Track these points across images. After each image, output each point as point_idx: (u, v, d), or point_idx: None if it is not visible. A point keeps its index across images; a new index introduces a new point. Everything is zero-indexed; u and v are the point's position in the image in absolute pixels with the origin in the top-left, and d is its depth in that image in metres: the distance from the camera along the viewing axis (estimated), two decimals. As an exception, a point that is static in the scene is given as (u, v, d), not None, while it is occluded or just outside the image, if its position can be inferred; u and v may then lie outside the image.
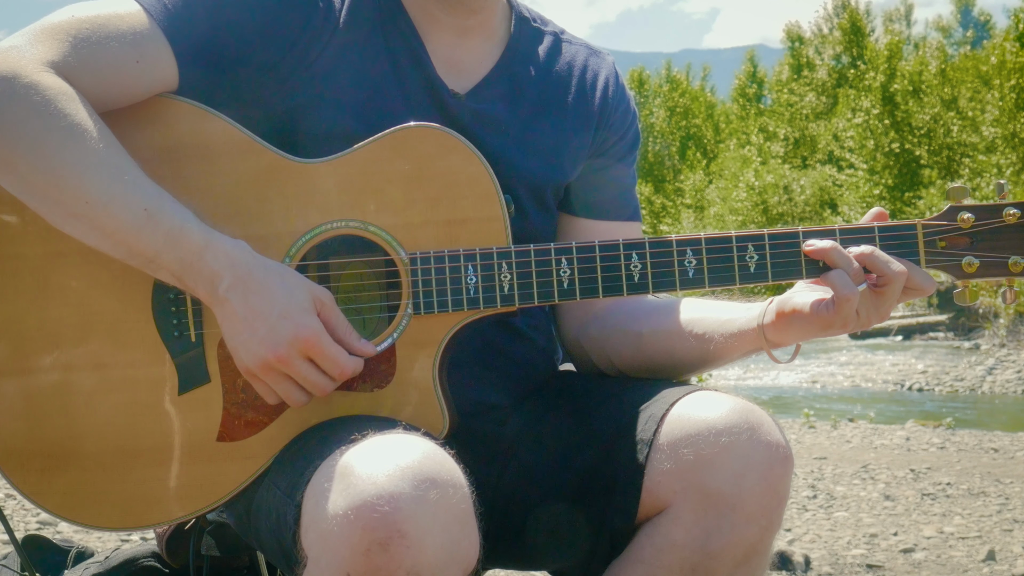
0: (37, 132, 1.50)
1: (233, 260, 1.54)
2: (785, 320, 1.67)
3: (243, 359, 1.56)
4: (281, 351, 1.53)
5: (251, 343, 1.54)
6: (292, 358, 1.54)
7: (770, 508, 1.58)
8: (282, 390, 1.57)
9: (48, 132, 1.50)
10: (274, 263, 1.58)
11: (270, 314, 1.53)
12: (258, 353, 1.54)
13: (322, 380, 1.57)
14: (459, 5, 1.79)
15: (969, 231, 1.69)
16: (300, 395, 1.58)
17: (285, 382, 1.57)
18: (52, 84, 1.52)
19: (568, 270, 1.67)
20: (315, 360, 1.56)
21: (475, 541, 1.42)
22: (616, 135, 1.93)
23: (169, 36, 1.61)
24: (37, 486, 1.63)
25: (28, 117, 1.49)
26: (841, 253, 1.64)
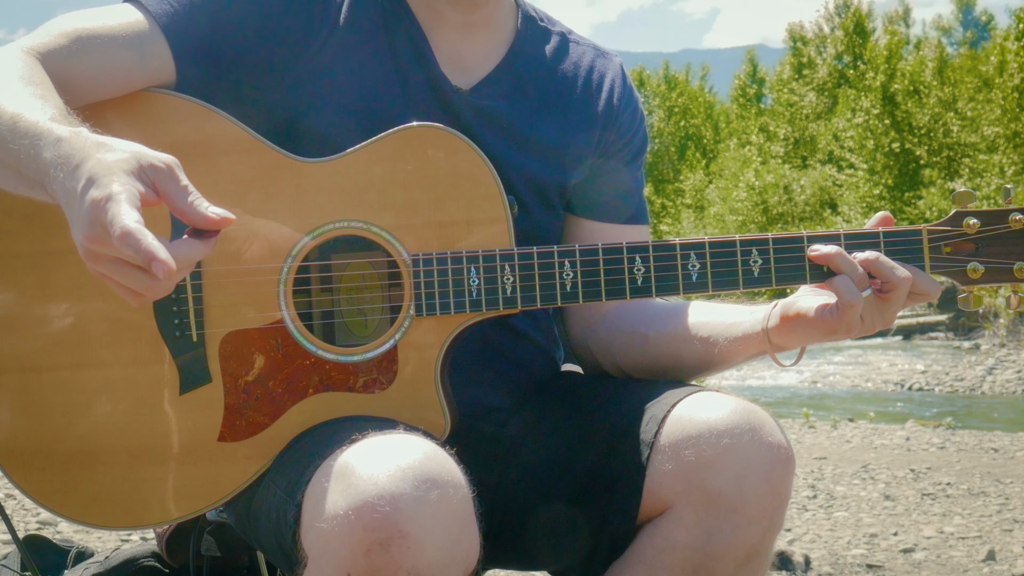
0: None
1: (59, 139, 1.35)
2: (789, 324, 1.67)
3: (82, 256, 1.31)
4: (87, 231, 1.27)
5: (73, 232, 1.30)
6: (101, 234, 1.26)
7: (771, 509, 1.58)
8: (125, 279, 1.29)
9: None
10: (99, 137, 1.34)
11: (76, 190, 1.29)
12: (79, 240, 1.29)
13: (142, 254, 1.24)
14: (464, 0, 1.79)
15: (974, 236, 1.69)
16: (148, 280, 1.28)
17: (121, 268, 1.28)
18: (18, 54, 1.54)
19: (571, 273, 1.67)
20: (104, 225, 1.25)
21: (475, 541, 1.42)
22: (623, 138, 1.93)
23: (167, 33, 1.62)
24: (38, 485, 1.63)
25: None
26: (846, 259, 1.64)
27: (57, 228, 1.61)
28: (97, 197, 1.26)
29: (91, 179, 1.28)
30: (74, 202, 1.29)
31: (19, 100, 1.44)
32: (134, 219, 1.24)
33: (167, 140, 1.63)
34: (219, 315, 1.63)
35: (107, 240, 1.25)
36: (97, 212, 1.25)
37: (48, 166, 1.34)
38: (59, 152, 1.33)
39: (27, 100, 1.44)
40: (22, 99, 1.44)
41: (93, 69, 1.59)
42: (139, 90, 1.64)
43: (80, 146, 1.33)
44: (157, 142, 1.61)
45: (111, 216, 1.24)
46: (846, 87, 42.40)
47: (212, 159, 1.63)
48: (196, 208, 1.31)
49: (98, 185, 1.27)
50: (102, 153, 1.31)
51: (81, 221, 1.27)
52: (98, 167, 1.29)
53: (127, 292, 1.32)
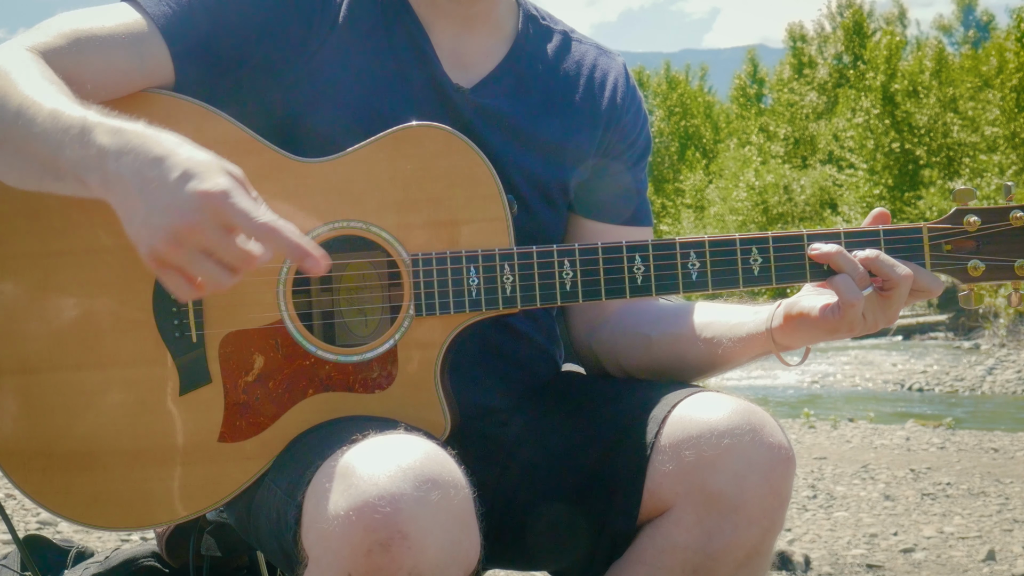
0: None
1: (120, 128, 1.38)
2: (793, 323, 1.67)
3: (147, 241, 1.33)
4: (190, 216, 1.30)
5: (152, 218, 1.32)
6: (205, 225, 1.30)
7: (772, 509, 1.58)
8: (200, 270, 1.33)
9: None
10: (168, 133, 1.38)
11: (169, 178, 1.32)
12: (163, 226, 1.31)
13: (241, 251, 1.33)
14: None
15: (975, 234, 1.69)
16: (222, 274, 1.34)
17: (201, 260, 1.33)
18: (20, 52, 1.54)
19: (571, 272, 1.67)
20: (230, 220, 1.31)
21: (476, 542, 1.42)
22: (626, 139, 1.93)
23: (165, 34, 1.62)
24: (38, 485, 1.63)
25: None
26: (846, 257, 1.64)
27: (59, 230, 1.61)
28: (210, 189, 1.29)
29: (189, 171, 1.31)
30: (162, 189, 1.31)
31: (55, 96, 1.46)
32: (272, 214, 1.30)
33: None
34: (219, 315, 1.63)
35: (209, 229, 1.30)
36: (211, 202, 1.29)
37: (105, 153, 1.36)
38: (124, 140, 1.36)
39: (63, 98, 1.46)
40: (57, 96, 1.46)
41: (92, 70, 1.59)
42: (138, 91, 1.64)
43: (155, 137, 1.36)
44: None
45: (242, 208, 1.29)
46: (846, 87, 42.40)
47: (212, 159, 1.63)
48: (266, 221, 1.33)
49: (201, 178, 1.31)
50: (188, 150, 1.35)
51: (179, 208, 1.30)
52: (193, 162, 1.33)
53: (186, 285, 1.35)
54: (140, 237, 1.35)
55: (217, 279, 1.34)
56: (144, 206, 1.34)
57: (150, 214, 1.33)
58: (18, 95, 1.47)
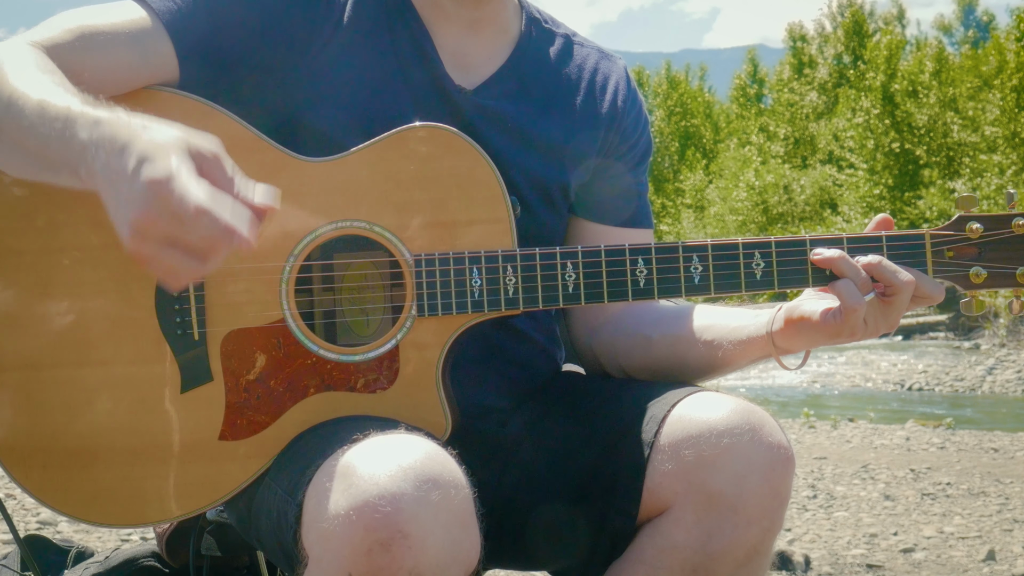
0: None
1: (98, 120, 1.35)
2: (794, 327, 1.67)
3: (121, 234, 1.29)
4: (140, 209, 1.25)
5: (119, 211, 1.28)
6: (157, 216, 1.24)
7: (771, 509, 1.58)
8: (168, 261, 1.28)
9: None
10: (141, 118, 1.34)
11: (126, 169, 1.28)
12: (126, 219, 1.27)
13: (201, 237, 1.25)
14: None
15: (977, 241, 1.69)
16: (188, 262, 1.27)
17: (165, 250, 1.27)
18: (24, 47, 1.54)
19: (573, 274, 1.67)
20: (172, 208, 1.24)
21: (476, 541, 1.42)
22: (627, 141, 1.93)
23: (171, 32, 1.62)
24: (39, 483, 1.63)
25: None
26: (848, 263, 1.64)
27: (59, 226, 1.61)
28: (156, 176, 1.24)
29: (143, 157, 1.27)
30: (123, 181, 1.28)
31: (43, 87, 1.44)
32: (205, 194, 1.23)
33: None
34: (221, 314, 1.63)
35: (162, 218, 1.24)
36: (158, 189, 1.24)
37: (85, 147, 1.33)
38: (99, 133, 1.33)
39: (51, 87, 1.45)
40: (46, 86, 1.45)
41: (97, 66, 1.59)
42: (142, 88, 1.64)
43: (124, 126, 1.32)
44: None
45: (180, 192, 1.23)
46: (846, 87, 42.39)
47: (214, 158, 1.63)
48: (243, 197, 1.29)
49: (153, 163, 1.26)
50: (150, 133, 1.30)
51: (134, 199, 1.26)
52: (150, 147, 1.28)
53: (169, 275, 1.31)
54: (118, 232, 1.31)
55: (187, 268, 1.28)
56: (113, 199, 1.30)
57: (117, 207, 1.29)
58: (8, 86, 1.46)
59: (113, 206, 1.30)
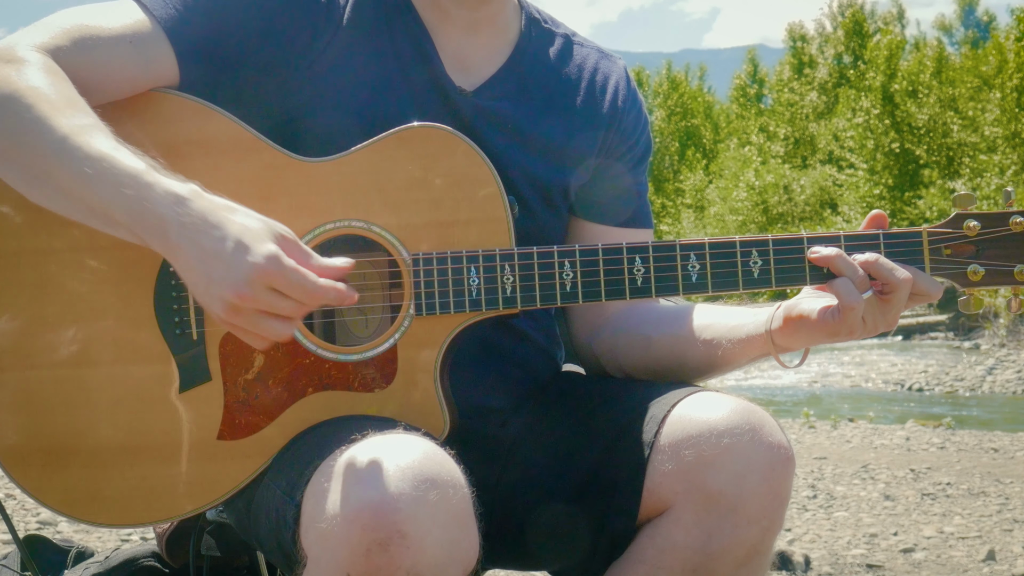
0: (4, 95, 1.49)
1: (176, 200, 1.44)
2: (792, 325, 1.67)
3: (210, 307, 1.45)
4: (243, 289, 1.41)
5: (212, 288, 1.42)
6: (257, 294, 1.41)
7: (771, 509, 1.58)
8: (261, 328, 1.44)
9: (14, 97, 1.49)
10: (222, 200, 1.46)
11: (223, 251, 1.41)
12: (221, 297, 1.42)
13: (295, 306, 1.44)
14: None
15: (975, 239, 1.69)
16: (281, 326, 1.45)
17: (260, 320, 1.44)
18: (31, 57, 1.53)
19: (571, 273, 1.67)
20: (280, 289, 1.42)
21: (475, 541, 1.42)
22: (627, 142, 1.93)
23: (170, 34, 1.62)
24: (38, 482, 1.63)
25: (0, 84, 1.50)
26: (846, 261, 1.64)
27: (59, 226, 1.61)
28: (257, 262, 1.40)
29: (240, 242, 1.41)
30: (218, 262, 1.41)
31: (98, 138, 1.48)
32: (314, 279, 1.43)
33: (169, 139, 1.63)
34: (219, 314, 1.62)
35: (262, 295, 1.41)
36: (260, 273, 1.40)
37: (166, 222, 1.43)
38: (185, 211, 1.43)
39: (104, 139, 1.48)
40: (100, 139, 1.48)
41: (98, 71, 1.58)
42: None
43: (211, 209, 1.44)
44: (159, 141, 1.62)
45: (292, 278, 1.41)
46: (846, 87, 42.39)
47: (213, 158, 1.63)
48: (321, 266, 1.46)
49: (252, 249, 1.41)
50: (240, 217, 1.44)
51: (235, 280, 1.40)
52: (245, 231, 1.42)
53: (257, 339, 1.46)
54: (205, 303, 1.45)
55: (278, 332, 1.45)
56: (204, 277, 1.43)
57: (210, 285, 1.42)
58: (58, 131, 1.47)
59: (203, 282, 1.43)
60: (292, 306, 1.44)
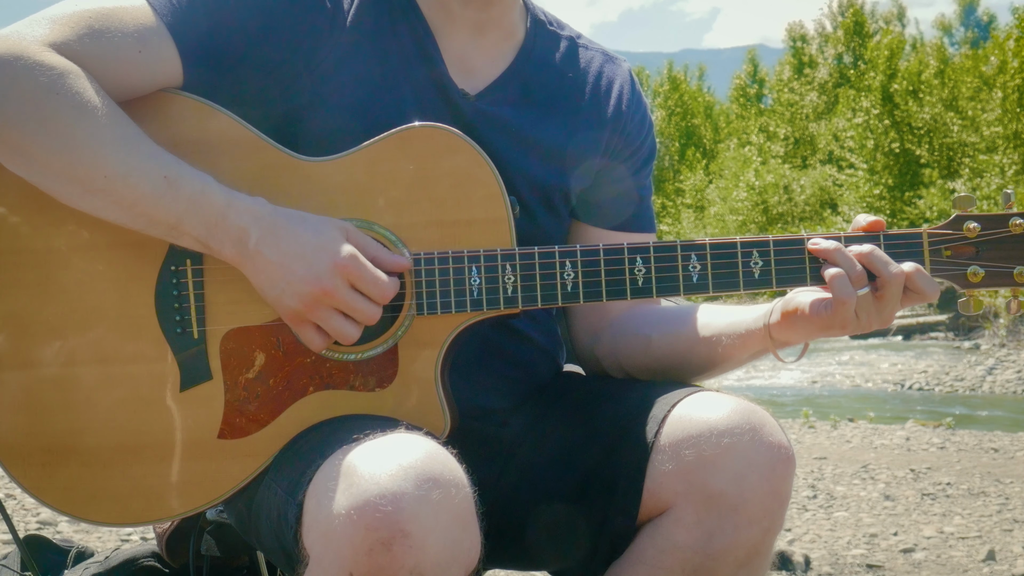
0: (47, 112, 1.50)
1: (256, 214, 1.56)
2: (790, 319, 1.67)
3: (288, 304, 1.56)
4: (326, 283, 1.54)
5: (294, 284, 1.54)
6: (338, 288, 1.54)
7: (772, 509, 1.58)
8: (332, 326, 1.57)
9: (58, 111, 1.50)
10: (293, 210, 1.59)
11: (304, 253, 1.55)
12: (303, 292, 1.54)
13: (369, 307, 1.57)
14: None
15: (975, 241, 1.69)
16: (350, 328, 1.57)
17: (334, 316, 1.56)
18: (56, 63, 1.52)
19: (572, 273, 1.67)
20: (357, 285, 1.56)
21: (477, 541, 1.42)
22: (631, 146, 1.93)
23: (174, 33, 1.61)
24: (38, 481, 1.63)
25: (35, 97, 1.50)
26: (844, 255, 1.64)
27: (61, 225, 1.61)
28: (339, 261, 1.54)
29: (321, 243, 1.55)
30: (299, 262, 1.54)
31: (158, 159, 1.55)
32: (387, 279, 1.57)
33: (171, 138, 1.63)
34: (220, 312, 1.63)
35: (341, 291, 1.54)
36: (342, 270, 1.54)
37: (246, 233, 1.55)
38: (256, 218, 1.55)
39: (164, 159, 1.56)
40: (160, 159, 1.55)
41: (106, 74, 1.57)
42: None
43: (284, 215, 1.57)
44: (161, 140, 1.62)
45: (367, 276, 1.55)
46: (846, 87, 42.39)
47: (215, 157, 1.63)
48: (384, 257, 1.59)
49: (331, 249, 1.55)
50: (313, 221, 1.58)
51: (313, 277, 1.54)
52: (322, 234, 1.56)
53: (321, 337, 1.58)
54: (282, 301, 1.56)
55: (348, 332, 1.57)
56: (285, 276, 1.55)
57: (290, 283, 1.54)
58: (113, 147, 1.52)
59: (283, 280, 1.55)
60: (367, 306, 1.56)
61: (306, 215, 1.58)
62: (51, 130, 1.50)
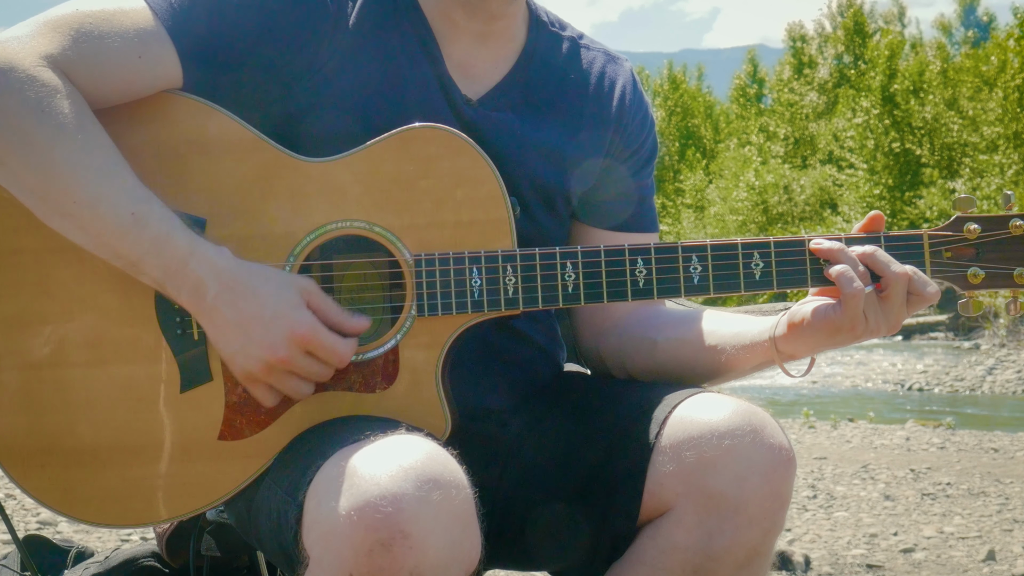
0: (29, 128, 1.50)
1: (218, 267, 1.54)
2: (796, 330, 1.66)
3: (242, 365, 1.56)
4: (281, 352, 1.54)
5: (249, 348, 1.54)
6: (292, 357, 1.55)
7: (772, 510, 1.58)
8: (286, 387, 1.58)
9: (40, 128, 1.50)
10: (256, 265, 1.57)
11: (262, 316, 1.54)
12: (258, 356, 1.54)
13: (323, 369, 1.58)
14: (482, 10, 1.78)
15: (975, 242, 1.69)
16: (305, 387, 1.59)
17: (288, 379, 1.57)
18: (48, 80, 1.52)
19: (573, 274, 1.67)
20: (314, 353, 1.56)
21: (477, 542, 1.42)
22: (632, 146, 1.93)
23: (172, 35, 1.61)
24: (38, 482, 1.63)
25: (20, 112, 1.50)
26: (847, 255, 1.64)
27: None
28: (296, 329, 1.54)
29: (279, 309, 1.54)
30: (255, 324, 1.53)
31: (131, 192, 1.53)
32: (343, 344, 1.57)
33: (170, 138, 1.63)
34: (220, 314, 1.62)
35: (297, 359, 1.55)
36: (298, 338, 1.53)
37: (204, 286, 1.53)
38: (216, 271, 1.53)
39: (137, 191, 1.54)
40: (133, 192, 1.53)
41: (105, 80, 1.57)
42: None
43: (247, 273, 1.56)
44: (160, 140, 1.62)
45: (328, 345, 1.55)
46: (846, 87, 42.38)
47: (215, 157, 1.63)
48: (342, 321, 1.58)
49: (290, 316, 1.54)
50: (274, 284, 1.56)
51: (272, 343, 1.53)
52: (282, 299, 1.55)
53: (273, 396, 1.59)
54: (235, 360, 1.56)
55: (301, 392, 1.59)
56: (240, 338, 1.54)
57: (246, 345, 1.54)
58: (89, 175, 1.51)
59: (239, 342, 1.54)
60: (323, 370, 1.57)
61: (268, 273, 1.57)
62: (30, 147, 1.50)
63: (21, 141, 1.50)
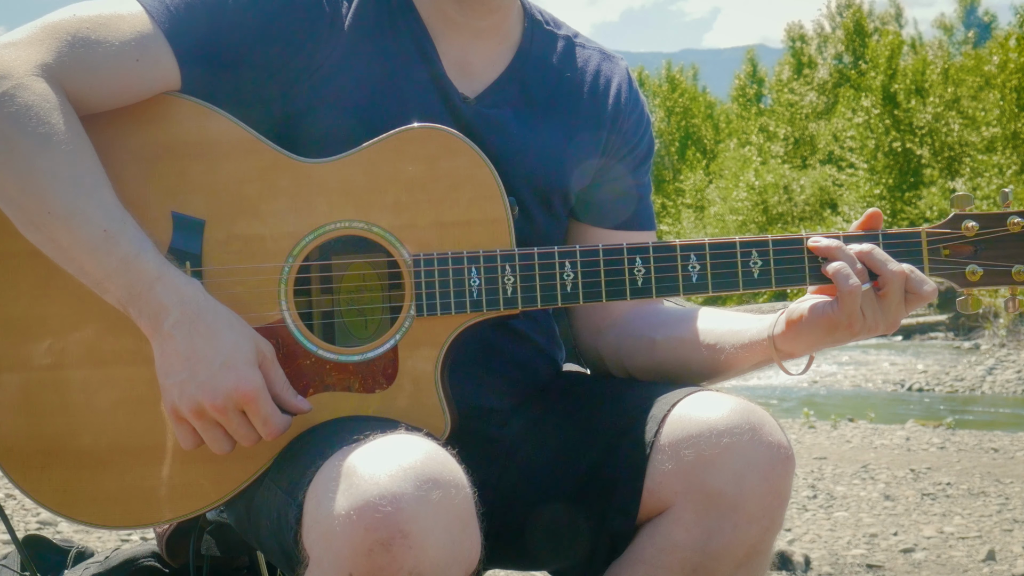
0: (14, 136, 1.50)
1: (183, 297, 1.52)
2: (794, 328, 1.67)
3: (175, 399, 1.52)
4: (218, 401, 1.50)
5: (188, 386, 1.51)
6: (228, 410, 1.51)
7: (771, 508, 1.58)
8: (208, 436, 1.54)
9: (22, 137, 1.50)
10: (224, 308, 1.55)
11: (213, 360, 1.50)
12: (194, 397, 1.50)
13: (251, 434, 1.54)
14: (477, 5, 1.79)
15: (973, 239, 1.69)
16: (226, 444, 1.55)
17: (213, 429, 1.53)
18: (40, 90, 1.52)
19: (571, 273, 1.67)
20: (249, 416, 1.53)
21: (477, 541, 1.42)
22: (628, 144, 1.93)
23: (170, 37, 1.61)
24: (37, 483, 1.63)
25: (8, 121, 1.50)
26: (845, 252, 1.64)
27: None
28: (240, 386, 1.50)
29: (231, 360, 1.51)
30: (203, 366, 1.50)
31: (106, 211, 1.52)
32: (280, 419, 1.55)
33: (169, 139, 1.63)
34: (220, 315, 1.62)
35: (232, 416, 1.51)
36: (240, 396, 1.50)
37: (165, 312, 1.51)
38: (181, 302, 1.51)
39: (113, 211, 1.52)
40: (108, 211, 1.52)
41: (102, 85, 1.57)
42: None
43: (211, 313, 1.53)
44: (159, 141, 1.62)
45: (265, 413, 1.52)
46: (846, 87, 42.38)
47: (214, 159, 1.63)
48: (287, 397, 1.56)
49: (239, 371, 1.51)
50: (236, 333, 1.53)
51: (213, 390, 1.50)
52: (238, 351, 1.52)
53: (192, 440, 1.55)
54: (170, 392, 1.52)
55: (222, 447, 1.55)
56: (187, 373, 1.50)
57: (187, 381, 1.50)
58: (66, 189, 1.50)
59: (182, 377, 1.51)
60: (249, 434, 1.54)
61: (232, 320, 1.54)
62: (13, 154, 1.50)
63: (5, 148, 1.50)
